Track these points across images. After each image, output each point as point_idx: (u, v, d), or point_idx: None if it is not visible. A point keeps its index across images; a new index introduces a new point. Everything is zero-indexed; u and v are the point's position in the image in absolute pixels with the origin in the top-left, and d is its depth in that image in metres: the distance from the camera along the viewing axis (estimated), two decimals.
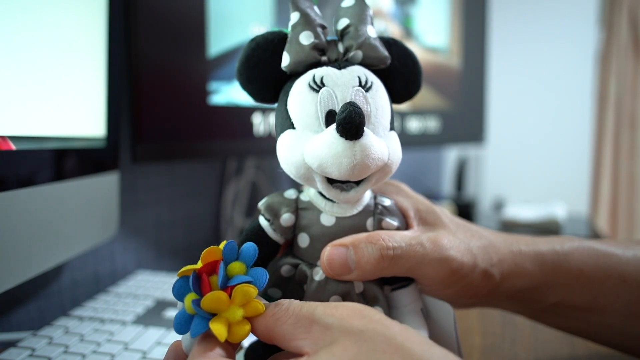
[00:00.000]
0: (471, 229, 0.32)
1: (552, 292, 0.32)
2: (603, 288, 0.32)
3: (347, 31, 0.28)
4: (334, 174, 0.25)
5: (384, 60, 0.29)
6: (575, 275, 0.32)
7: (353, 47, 0.28)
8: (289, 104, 0.28)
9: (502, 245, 0.32)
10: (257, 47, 0.28)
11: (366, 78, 0.28)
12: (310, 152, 0.26)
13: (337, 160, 0.25)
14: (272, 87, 0.29)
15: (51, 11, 0.37)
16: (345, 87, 0.27)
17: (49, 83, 0.37)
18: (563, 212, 1.06)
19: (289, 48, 0.28)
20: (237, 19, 0.57)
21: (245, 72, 0.29)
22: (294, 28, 0.28)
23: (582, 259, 0.32)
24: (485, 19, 1.02)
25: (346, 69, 0.28)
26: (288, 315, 0.22)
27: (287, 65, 0.28)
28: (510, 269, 0.31)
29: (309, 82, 0.27)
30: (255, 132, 0.59)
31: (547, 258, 0.32)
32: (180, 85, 0.52)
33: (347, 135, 0.24)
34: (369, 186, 0.27)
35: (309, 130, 0.27)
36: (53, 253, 0.39)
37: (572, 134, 2.26)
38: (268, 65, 0.29)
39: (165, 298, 0.49)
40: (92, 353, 0.36)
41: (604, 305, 0.32)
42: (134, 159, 0.49)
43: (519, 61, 2.31)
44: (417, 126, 0.85)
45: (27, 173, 0.35)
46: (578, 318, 0.33)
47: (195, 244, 0.73)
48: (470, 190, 1.51)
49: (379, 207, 0.29)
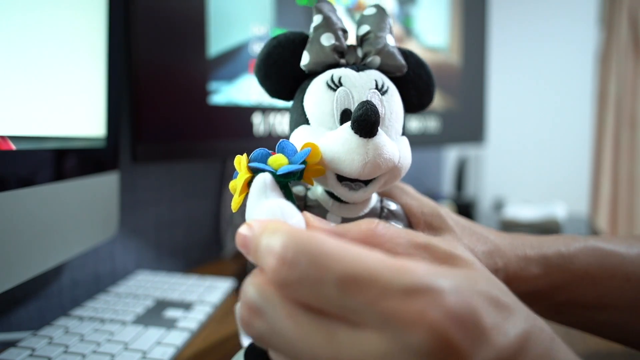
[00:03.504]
0: (476, 233, 0.33)
1: (557, 293, 0.32)
2: (608, 287, 0.32)
3: (367, 37, 0.29)
4: (345, 171, 0.26)
5: (400, 68, 0.30)
6: (580, 276, 0.32)
7: (372, 53, 0.29)
8: (306, 101, 0.28)
9: (507, 249, 0.32)
10: (278, 45, 0.30)
11: (383, 82, 0.28)
12: (324, 148, 0.26)
13: (350, 156, 0.25)
14: (289, 85, 0.30)
15: (51, 11, 0.37)
16: (362, 88, 0.27)
17: (49, 83, 0.37)
18: (563, 212, 1.06)
19: (309, 48, 0.29)
20: (237, 19, 0.57)
21: (264, 68, 0.30)
22: (316, 30, 0.29)
23: (586, 260, 0.32)
24: (485, 19, 1.01)
25: (364, 71, 0.28)
26: (393, 233, 0.22)
27: (307, 64, 0.29)
28: (516, 273, 0.31)
29: (327, 80, 0.28)
30: (255, 132, 0.59)
31: (553, 261, 0.32)
32: (180, 85, 0.52)
33: (361, 132, 0.25)
34: (377, 187, 0.28)
35: (323, 126, 0.27)
36: (53, 253, 0.39)
37: (572, 134, 2.26)
38: (287, 63, 0.30)
39: (165, 298, 0.49)
40: (92, 353, 0.36)
41: (608, 304, 0.32)
42: (134, 159, 0.49)
43: (519, 61, 2.31)
44: (417, 126, 0.85)
45: (27, 173, 0.35)
46: (583, 316, 0.33)
47: (195, 244, 0.73)
48: (470, 190, 1.51)
49: (385, 211, 0.30)
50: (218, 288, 0.52)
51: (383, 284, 0.16)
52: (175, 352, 0.38)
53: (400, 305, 0.16)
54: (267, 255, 0.18)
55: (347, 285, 0.17)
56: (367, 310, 0.16)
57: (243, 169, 0.25)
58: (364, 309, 0.16)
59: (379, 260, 0.17)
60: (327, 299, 0.17)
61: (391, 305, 0.16)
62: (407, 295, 0.16)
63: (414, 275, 0.17)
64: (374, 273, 0.17)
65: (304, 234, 0.18)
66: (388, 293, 0.16)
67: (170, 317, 0.44)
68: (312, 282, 0.17)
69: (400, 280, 0.16)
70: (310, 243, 0.17)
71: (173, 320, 0.43)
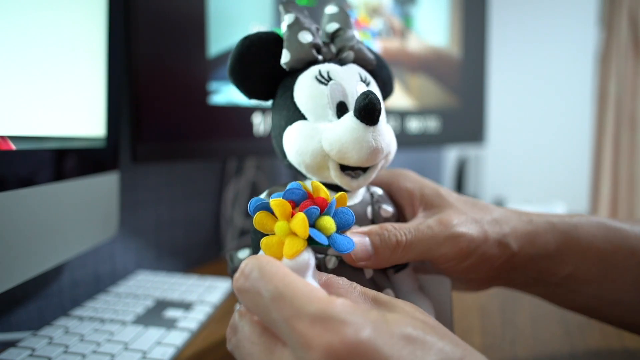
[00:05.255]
0: (479, 204, 0.34)
1: (564, 263, 0.33)
2: (612, 261, 0.32)
3: (338, 34, 0.31)
4: (352, 159, 0.27)
5: (371, 62, 0.32)
6: (585, 247, 0.33)
7: (346, 48, 0.31)
8: (297, 97, 0.29)
9: (513, 216, 0.33)
10: (251, 45, 0.30)
11: (365, 75, 0.31)
12: (330, 138, 0.27)
13: (358, 144, 0.26)
14: (267, 84, 0.31)
15: (51, 11, 0.37)
16: (350, 81, 0.29)
17: (49, 83, 0.37)
18: (563, 212, 1.06)
19: (288, 46, 0.29)
20: (237, 19, 0.57)
21: (240, 69, 0.30)
22: (291, 28, 0.30)
23: (591, 231, 0.33)
24: (485, 19, 1.01)
25: (347, 65, 0.30)
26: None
27: (287, 62, 0.29)
28: (524, 237, 0.32)
29: (315, 76, 0.29)
30: (255, 132, 0.59)
31: (559, 227, 0.33)
32: (180, 85, 0.52)
33: (367, 120, 0.26)
34: (374, 173, 0.29)
35: (322, 119, 0.28)
36: (53, 253, 0.39)
37: (572, 134, 2.27)
38: (263, 62, 0.30)
39: (165, 298, 0.49)
40: (92, 353, 0.36)
41: (613, 279, 0.33)
42: (134, 159, 0.49)
43: (519, 61, 2.31)
44: (417, 126, 0.85)
45: (27, 173, 0.35)
46: (589, 294, 0.34)
47: (195, 244, 0.73)
48: (470, 190, 1.51)
49: (375, 196, 0.32)
50: (218, 288, 0.52)
51: (298, 305, 0.19)
52: (175, 352, 0.38)
53: (305, 327, 0.18)
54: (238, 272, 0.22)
55: (275, 300, 0.19)
56: (283, 325, 0.19)
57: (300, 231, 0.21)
58: (281, 323, 0.19)
59: (306, 289, 0.20)
60: (261, 309, 0.20)
61: (299, 326, 0.18)
62: (313, 320, 0.18)
63: (326, 306, 0.19)
64: (296, 296, 0.19)
65: (267, 259, 0.21)
66: (300, 315, 0.19)
67: (170, 317, 0.44)
68: (255, 292, 0.20)
69: (312, 306, 0.19)
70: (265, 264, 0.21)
71: (173, 320, 0.43)
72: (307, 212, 0.22)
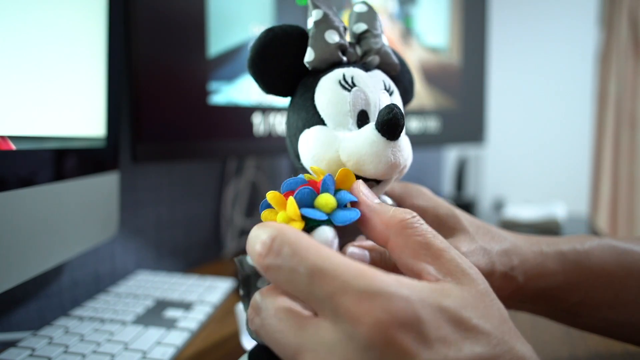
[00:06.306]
0: (491, 232, 0.33)
1: (574, 291, 0.32)
2: (624, 285, 0.32)
3: (365, 36, 0.29)
4: (369, 172, 0.26)
5: (395, 68, 0.30)
6: (597, 273, 0.32)
7: (372, 52, 0.29)
8: (318, 100, 0.28)
9: (523, 246, 0.32)
10: (275, 37, 0.28)
11: (389, 83, 0.29)
12: (349, 149, 0.26)
13: (377, 158, 0.25)
14: (288, 79, 0.29)
15: (51, 11, 0.37)
16: (374, 89, 0.28)
17: (49, 83, 0.37)
18: (563, 212, 1.06)
19: (313, 44, 0.28)
20: (237, 19, 0.57)
21: (261, 62, 0.28)
22: (318, 25, 0.28)
23: (602, 257, 0.32)
24: (485, 19, 1.01)
25: (372, 71, 0.29)
26: (420, 231, 0.22)
27: (311, 61, 0.28)
28: (533, 270, 0.32)
29: (339, 80, 0.27)
30: (255, 132, 0.59)
31: (569, 257, 0.32)
32: (180, 85, 0.52)
33: (389, 135, 0.25)
34: (388, 185, 0.28)
35: (342, 127, 0.27)
36: (53, 253, 0.39)
37: (572, 134, 2.26)
38: (285, 58, 0.29)
39: (165, 298, 0.49)
40: (92, 353, 0.36)
41: (625, 303, 0.32)
42: (134, 159, 0.49)
43: (519, 61, 2.31)
44: (417, 126, 0.85)
45: (27, 173, 0.35)
46: (600, 317, 0.33)
47: (195, 244, 0.73)
48: (470, 190, 1.51)
49: None
50: (218, 288, 0.52)
51: (342, 281, 0.19)
52: (175, 352, 0.38)
53: (352, 303, 0.18)
54: (254, 243, 0.21)
55: (315, 276, 0.19)
56: (326, 301, 0.19)
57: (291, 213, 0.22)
58: (324, 299, 0.19)
59: (346, 264, 0.19)
60: (298, 286, 0.20)
61: (345, 301, 0.18)
62: (359, 295, 0.18)
63: (370, 281, 0.19)
64: (339, 272, 0.19)
65: (290, 230, 0.20)
66: (345, 291, 0.18)
67: (170, 317, 0.44)
68: (289, 268, 0.20)
69: (357, 282, 0.19)
70: (295, 238, 0.20)
71: (173, 320, 0.43)
72: (297, 194, 0.23)
